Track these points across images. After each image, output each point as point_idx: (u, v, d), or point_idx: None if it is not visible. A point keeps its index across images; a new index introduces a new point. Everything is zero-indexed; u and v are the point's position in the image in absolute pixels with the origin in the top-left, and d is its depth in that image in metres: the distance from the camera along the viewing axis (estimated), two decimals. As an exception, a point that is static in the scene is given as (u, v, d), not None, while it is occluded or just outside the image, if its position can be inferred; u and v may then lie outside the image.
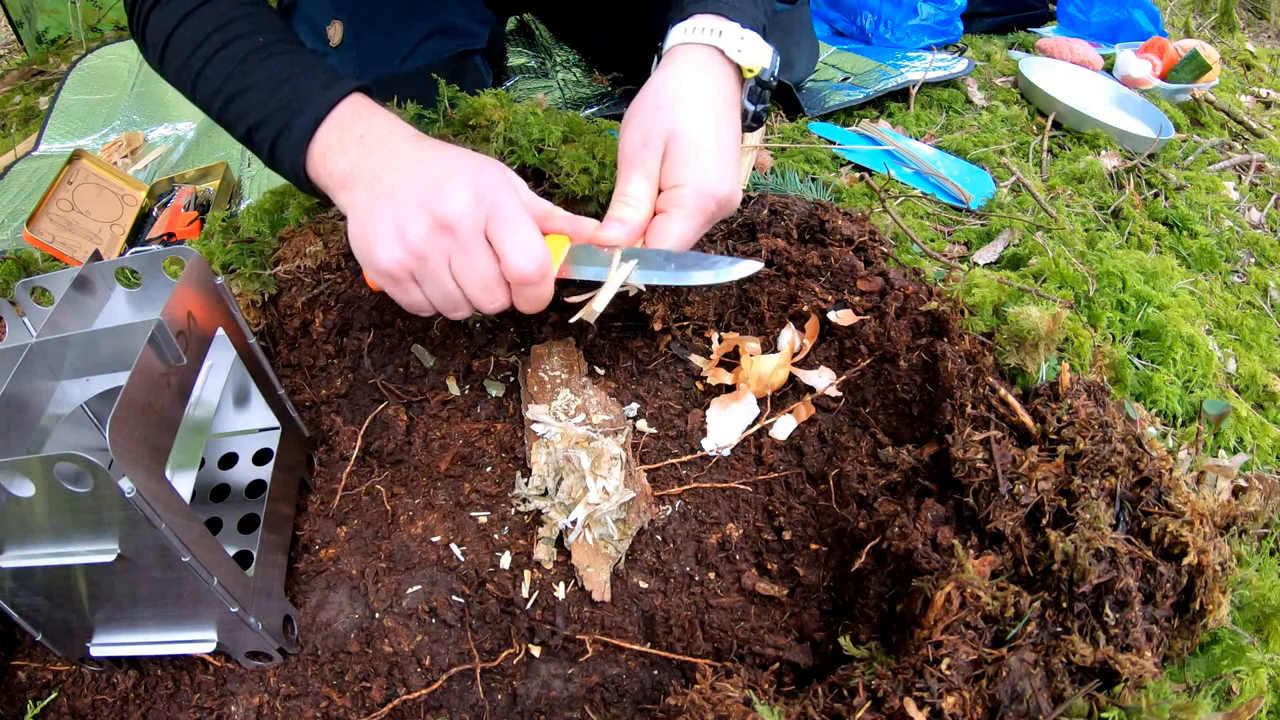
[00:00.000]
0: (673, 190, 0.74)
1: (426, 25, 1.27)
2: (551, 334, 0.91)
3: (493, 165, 0.71)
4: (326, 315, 0.89)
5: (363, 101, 0.78)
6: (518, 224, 0.66)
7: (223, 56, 0.81)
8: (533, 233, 0.67)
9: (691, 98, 0.76)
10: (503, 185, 0.68)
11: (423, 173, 0.68)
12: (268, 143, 0.79)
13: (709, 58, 0.80)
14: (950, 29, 1.78)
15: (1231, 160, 1.46)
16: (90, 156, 1.25)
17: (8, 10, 2.10)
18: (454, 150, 0.72)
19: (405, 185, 0.68)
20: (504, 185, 0.68)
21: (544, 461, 0.74)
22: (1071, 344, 0.82)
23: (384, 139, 0.73)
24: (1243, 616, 0.64)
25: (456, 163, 0.69)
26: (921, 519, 0.66)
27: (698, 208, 0.73)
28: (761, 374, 0.83)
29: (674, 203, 0.74)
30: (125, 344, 0.55)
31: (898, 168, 1.25)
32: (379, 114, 0.77)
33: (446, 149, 0.72)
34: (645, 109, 0.76)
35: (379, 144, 0.73)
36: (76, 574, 0.53)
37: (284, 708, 0.63)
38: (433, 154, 0.71)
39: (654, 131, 0.74)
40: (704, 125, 0.76)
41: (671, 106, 0.75)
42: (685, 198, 0.73)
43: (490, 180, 0.68)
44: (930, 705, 0.52)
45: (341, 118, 0.76)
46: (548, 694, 0.65)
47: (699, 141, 0.74)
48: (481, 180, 0.67)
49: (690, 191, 0.73)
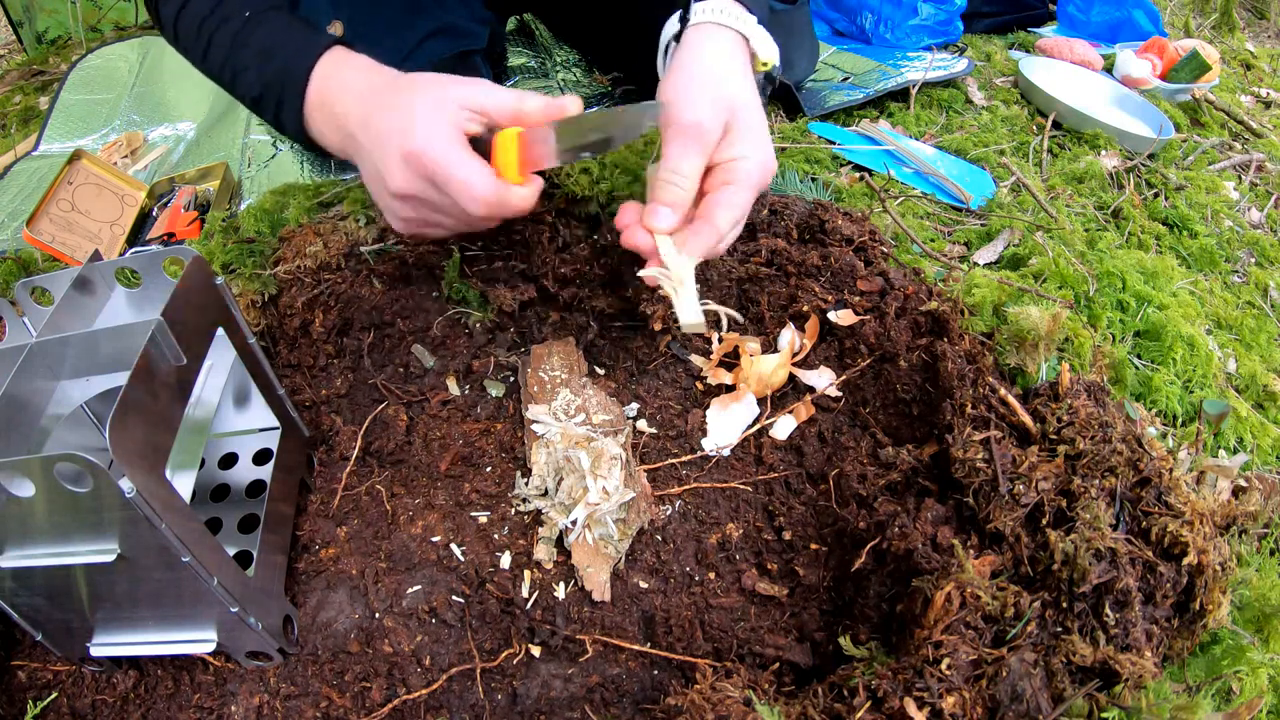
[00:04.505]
0: (734, 163, 0.73)
1: (427, 25, 1.26)
2: (551, 334, 0.91)
3: (419, 119, 0.70)
4: (326, 315, 0.89)
5: (328, 66, 0.81)
6: (453, 178, 0.69)
7: (223, 32, 0.86)
8: (470, 180, 0.68)
9: (738, 75, 0.77)
10: (430, 142, 0.69)
11: (370, 152, 0.73)
12: (272, 117, 0.86)
13: (737, 42, 0.80)
14: (950, 29, 1.78)
15: (1231, 160, 1.46)
16: (90, 156, 1.25)
17: (8, 10, 2.10)
18: (389, 110, 0.72)
19: (365, 165, 0.75)
20: (431, 141, 0.69)
21: (544, 461, 0.74)
22: (1071, 344, 0.82)
23: (345, 112, 0.77)
24: (1243, 616, 0.64)
25: (389, 133, 0.71)
26: (921, 519, 0.66)
27: (760, 180, 0.74)
28: (761, 374, 0.83)
29: (738, 175, 0.73)
30: (125, 344, 0.55)
31: (898, 168, 1.25)
32: (337, 79, 0.80)
33: (384, 109, 0.73)
34: (700, 84, 0.74)
35: (344, 117, 0.78)
36: (76, 574, 0.53)
37: (284, 708, 0.63)
38: (375, 124, 0.73)
39: (716, 107, 0.72)
40: (756, 102, 0.77)
41: (726, 81, 0.75)
42: (750, 170, 0.73)
43: (419, 142, 0.69)
44: (930, 705, 0.52)
45: (317, 90, 0.81)
46: (548, 694, 0.65)
47: (760, 115, 0.76)
48: (410, 146, 0.69)
49: (754, 165, 0.73)
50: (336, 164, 1.35)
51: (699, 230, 0.72)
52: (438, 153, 0.69)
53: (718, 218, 0.71)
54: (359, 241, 0.94)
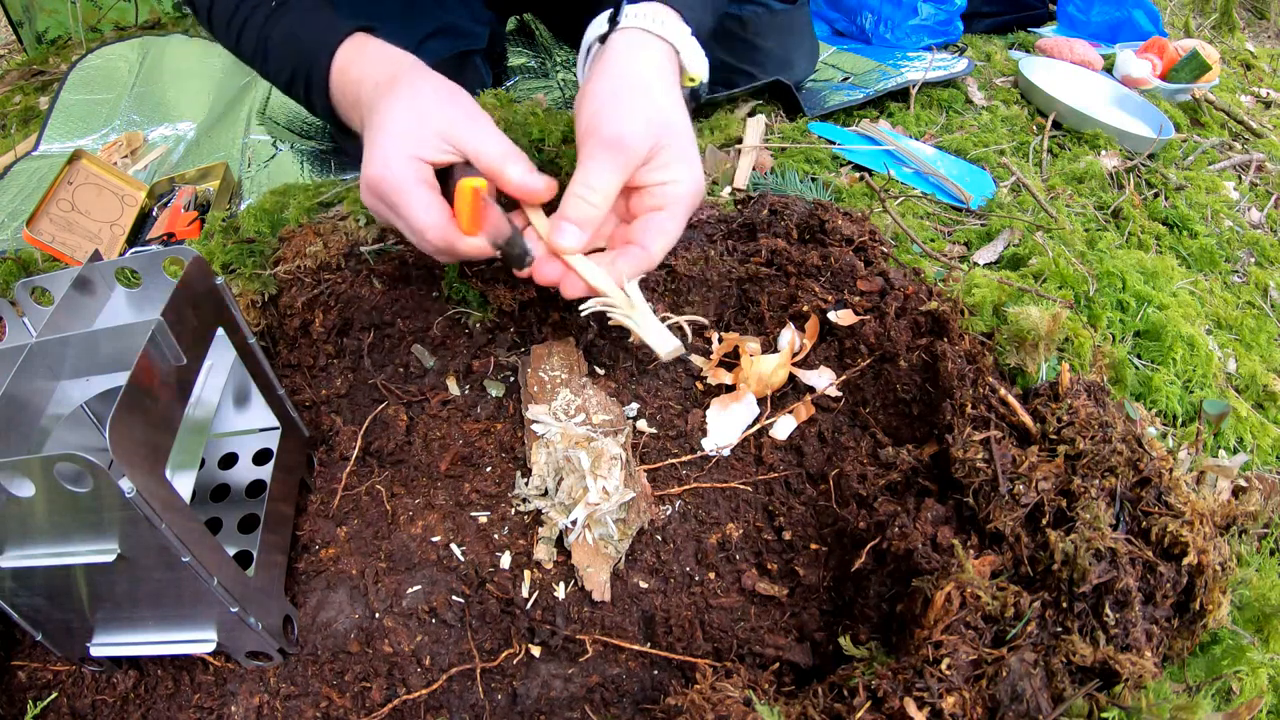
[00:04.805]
0: (666, 187, 0.70)
1: (427, 25, 1.26)
2: (551, 334, 0.91)
3: (387, 144, 0.69)
4: (326, 315, 0.89)
5: (348, 52, 0.83)
6: (405, 215, 0.69)
7: (253, 20, 0.90)
8: (422, 223, 0.68)
9: (669, 92, 0.73)
10: (387, 171, 0.69)
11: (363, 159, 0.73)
12: (304, 102, 0.90)
13: (668, 55, 0.76)
14: (950, 29, 1.78)
15: (1231, 160, 1.46)
16: (90, 156, 1.25)
17: (8, 10, 2.10)
18: (376, 115, 0.72)
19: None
20: (389, 171, 0.69)
21: (544, 461, 0.74)
22: (1071, 344, 0.82)
23: (359, 101, 0.80)
24: (1243, 616, 0.64)
25: (368, 144, 0.72)
26: (921, 519, 0.66)
27: (692, 205, 0.71)
28: (761, 374, 0.83)
29: (670, 200, 0.70)
30: (125, 344, 0.55)
31: (898, 168, 1.25)
32: (356, 68, 0.82)
33: (375, 112, 0.73)
34: (628, 97, 0.69)
35: (359, 107, 0.80)
36: (76, 574, 0.53)
37: (284, 708, 0.63)
38: (369, 123, 0.73)
39: (647, 127, 0.67)
40: (687, 122, 0.72)
41: (657, 98, 0.70)
42: (683, 196, 0.70)
43: (378, 169, 0.69)
44: (930, 705, 0.52)
45: (338, 79, 0.83)
46: (548, 694, 0.65)
47: (689, 138, 0.72)
48: (370, 171, 0.70)
49: (687, 190, 0.70)
50: (336, 164, 1.35)
51: (631, 254, 0.69)
52: (394, 185, 0.68)
53: (651, 244, 0.69)
54: (359, 241, 0.94)
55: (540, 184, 0.70)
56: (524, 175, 0.69)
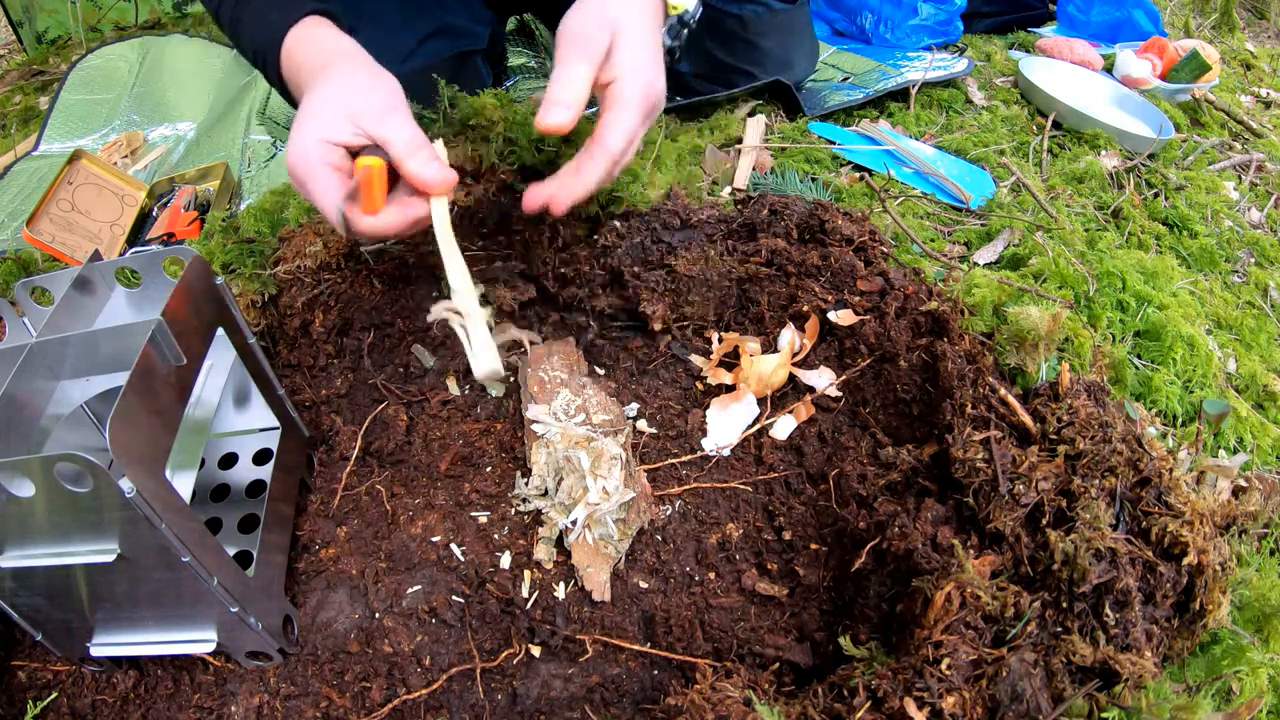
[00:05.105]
0: (617, 83, 0.75)
1: (427, 26, 1.26)
2: (551, 334, 0.91)
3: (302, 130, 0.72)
4: (326, 315, 0.89)
5: (296, 35, 0.84)
6: (312, 197, 0.72)
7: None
8: (323, 206, 0.71)
9: (631, 6, 0.79)
10: (297, 157, 0.71)
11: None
12: (268, 80, 0.94)
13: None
14: (950, 29, 1.77)
15: (1231, 160, 1.46)
16: (90, 156, 1.25)
17: (8, 10, 2.10)
18: (304, 101, 0.75)
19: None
20: (299, 157, 0.71)
21: (544, 461, 0.74)
22: (1071, 344, 0.82)
23: (300, 85, 0.83)
24: (1243, 616, 0.64)
25: (289, 143, 0.74)
26: (921, 519, 0.66)
27: (641, 100, 0.75)
28: (761, 374, 0.83)
29: (620, 97, 0.75)
30: (125, 344, 0.55)
31: (898, 168, 1.25)
32: (300, 53, 0.84)
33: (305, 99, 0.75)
34: (587, 6, 0.77)
35: (300, 90, 0.82)
36: (76, 574, 0.53)
37: (284, 708, 0.63)
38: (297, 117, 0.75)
39: (601, 24, 0.76)
40: (645, 29, 0.79)
41: (616, 7, 0.77)
42: (632, 91, 0.75)
43: (292, 155, 0.72)
44: (930, 705, 0.52)
45: (286, 60, 0.85)
46: (548, 694, 0.65)
47: (643, 40, 0.77)
48: (289, 156, 0.73)
49: (637, 83, 0.75)
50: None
51: (592, 153, 0.74)
52: (303, 169, 0.71)
53: (608, 139, 0.74)
54: (359, 241, 0.94)
55: (437, 175, 0.72)
56: (422, 166, 0.72)
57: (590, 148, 0.74)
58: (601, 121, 0.75)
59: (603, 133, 0.74)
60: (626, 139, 0.74)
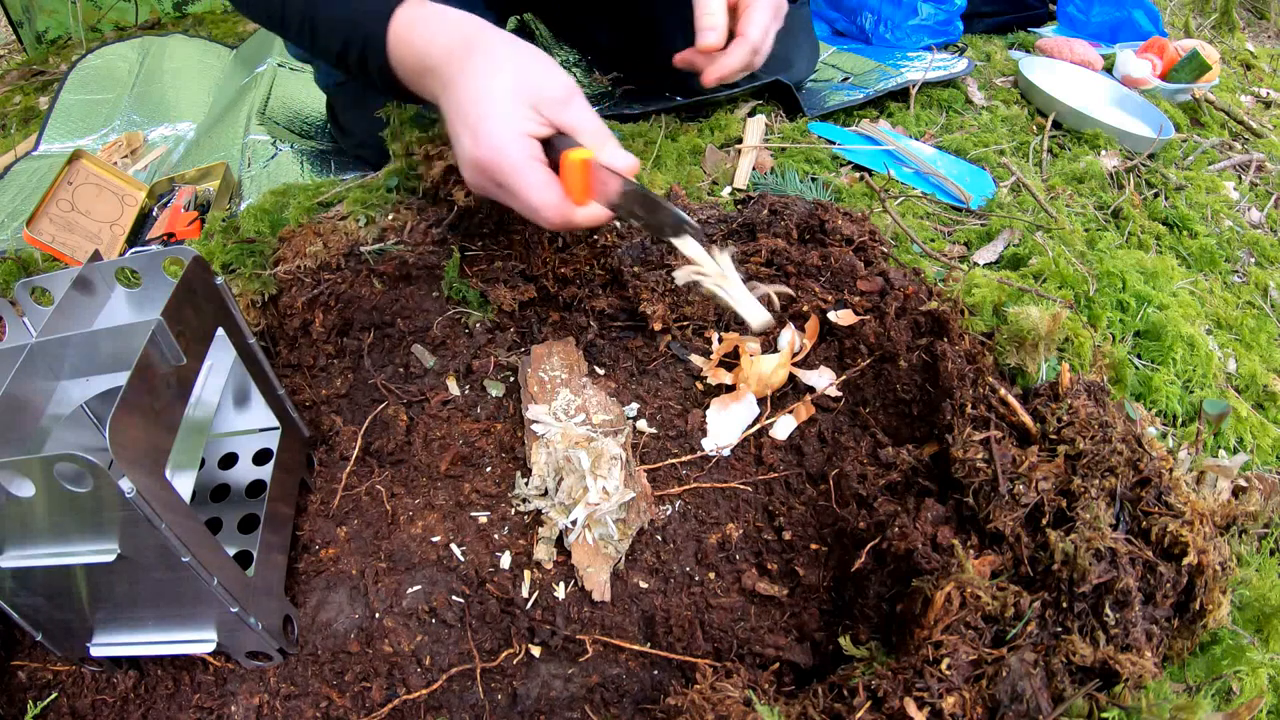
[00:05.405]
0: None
1: (427, 25, 1.26)
2: (551, 334, 0.91)
3: (490, 124, 0.70)
4: (326, 315, 0.89)
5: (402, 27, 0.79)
6: (523, 194, 0.70)
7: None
8: (541, 202, 0.70)
9: None
10: (500, 154, 0.70)
11: (450, 121, 0.74)
12: (357, 70, 0.85)
13: None
14: (950, 29, 1.77)
15: (1231, 160, 1.46)
16: (90, 156, 1.25)
17: (8, 10, 2.10)
18: (464, 90, 0.72)
19: (447, 126, 0.76)
20: (502, 153, 0.69)
21: (544, 461, 0.74)
22: (1071, 344, 0.82)
23: (430, 68, 0.77)
24: (1243, 616, 0.64)
25: (461, 124, 0.72)
26: (921, 519, 0.66)
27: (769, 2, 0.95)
28: (761, 374, 0.83)
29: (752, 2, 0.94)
30: (125, 344, 0.55)
31: (898, 168, 1.25)
32: (421, 30, 0.78)
33: (460, 86, 0.72)
34: None
35: (429, 75, 0.77)
36: (76, 574, 0.53)
37: (284, 708, 0.63)
38: (453, 96, 0.73)
39: None
40: None
41: None
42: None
43: (486, 153, 0.70)
44: (930, 705, 0.52)
45: (399, 41, 0.79)
46: (548, 694, 0.65)
47: None
48: (479, 155, 0.71)
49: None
50: (336, 164, 1.35)
51: (734, 46, 0.92)
52: (508, 167, 0.69)
53: (748, 31, 0.93)
54: (359, 241, 0.94)
55: (629, 161, 0.73)
56: (615, 154, 0.73)
57: (733, 43, 0.93)
58: (741, 19, 0.94)
59: (744, 27, 0.93)
60: (762, 31, 0.94)
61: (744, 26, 0.94)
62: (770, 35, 0.96)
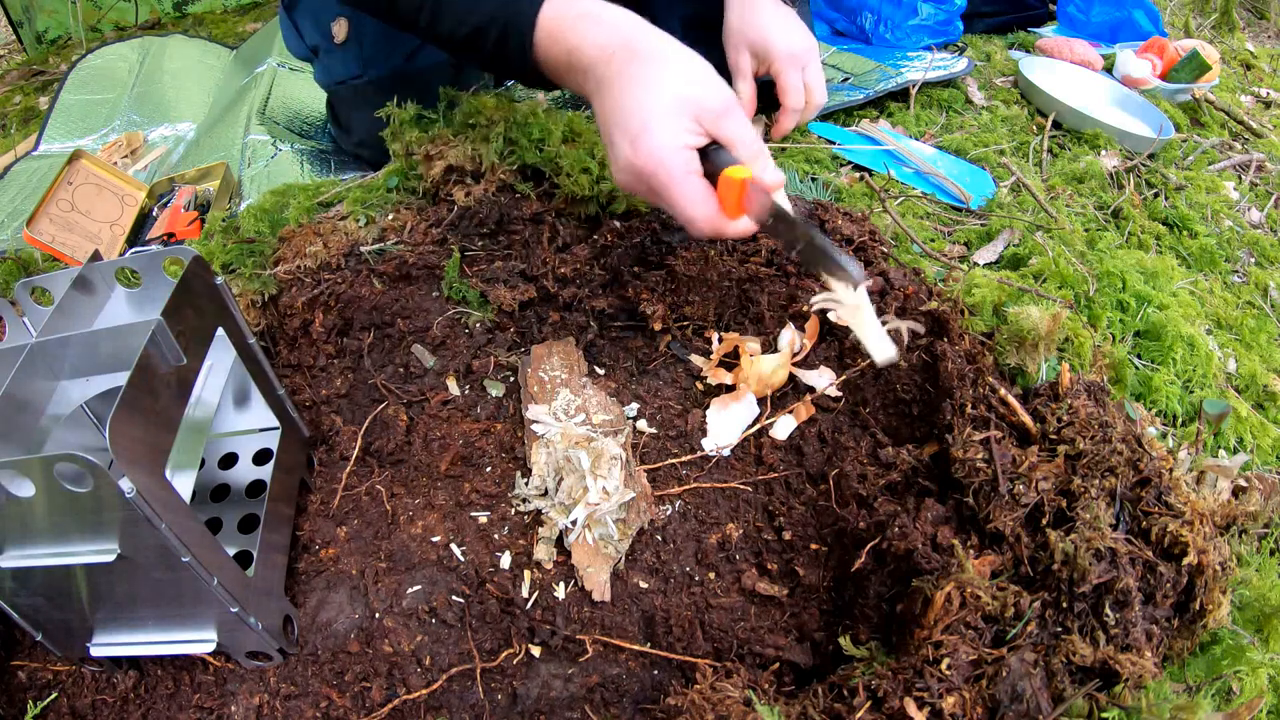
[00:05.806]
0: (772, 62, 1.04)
1: (430, 25, 1.26)
2: (551, 334, 0.91)
3: (650, 132, 0.69)
4: (326, 315, 0.89)
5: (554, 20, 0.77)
6: (679, 203, 0.70)
7: None
8: (696, 215, 0.70)
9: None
10: (660, 164, 0.69)
11: (603, 121, 0.74)
12: (488, 57, 0.82)
13: None
14: (950, 29, 1.77)
15: (1231, 160, 1.46)
16: (90, 156, 1.25)
17: (8, 10, 2.10)
18: (623, 95, 0.71)
19: (599, 123, 0.75)
20: (661, 163, 0.69)
21: (544, 461, 0.74)
22: (1071, 344, 0.82)
23: (584, 65, 0.75)
24: (1243, 616, 0.64)
25: (619, 130, 0.71)
26: (921, 519, 0.66)
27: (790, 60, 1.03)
28: (761, 374, 0.83)
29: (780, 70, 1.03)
30: (125, 344, 0.55)
31: (898, 168, 1.25)
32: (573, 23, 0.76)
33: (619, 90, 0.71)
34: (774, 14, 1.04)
35: (582, 72, 0.76)
36: (76, 574, 0.53)
37: (284, 708, 0.63)
38: (610, 99, 0.72)
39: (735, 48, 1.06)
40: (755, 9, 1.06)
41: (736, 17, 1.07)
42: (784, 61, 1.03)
43: (646, 161, 0.70)
44: (930, 705, 0.52)
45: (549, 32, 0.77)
46: (548, 694, 0.65)
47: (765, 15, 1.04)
48: (637, 161, 0.70)
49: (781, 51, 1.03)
50: (336, 164, 1.35)
51: (782, 117, 1.06)
52: (667, 178, 0.69)
53: (787, 100, 1.04)
54: (359, 241, 0.94)
55: (779, 177, 0.77)
56: (766, 169, 0.74)
57: (781, 110, 1.05)
58: (778, 88, 1.03)
59: (783, 97, 1.03)
60: (800, 93, 1.03)
61: (782, 98, 1.02)
62: (815, 87, 1.04)
